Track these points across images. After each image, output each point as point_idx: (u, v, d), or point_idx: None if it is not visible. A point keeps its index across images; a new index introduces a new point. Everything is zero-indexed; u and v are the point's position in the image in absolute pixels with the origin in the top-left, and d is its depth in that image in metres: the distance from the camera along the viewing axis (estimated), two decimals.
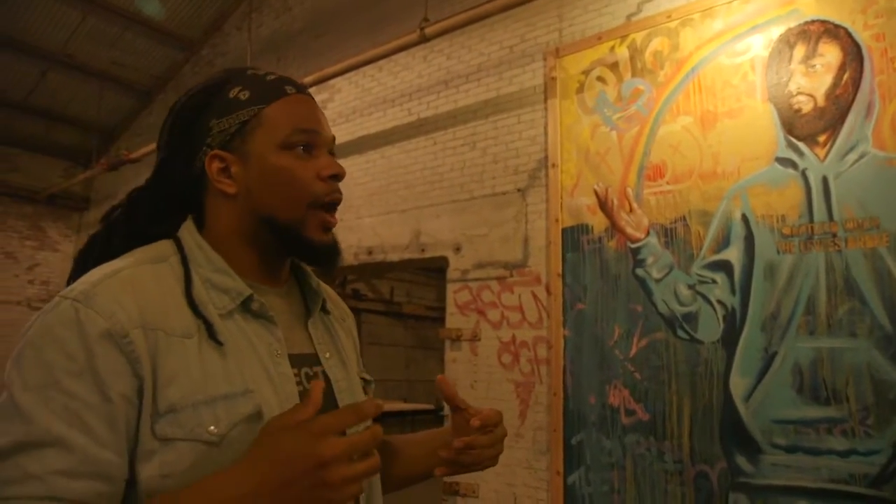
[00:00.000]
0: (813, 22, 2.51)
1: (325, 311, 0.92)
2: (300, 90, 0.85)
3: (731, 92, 2.69)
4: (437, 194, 3.77)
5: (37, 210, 7.08)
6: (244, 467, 0.62)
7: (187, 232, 0.82)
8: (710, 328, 2.60)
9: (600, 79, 3.11)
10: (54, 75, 6.12)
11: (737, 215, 2.60)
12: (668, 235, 2.78)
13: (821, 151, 2.44)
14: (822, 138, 2.45)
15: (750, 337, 2.50)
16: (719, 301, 2.60)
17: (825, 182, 2.41)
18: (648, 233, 2.83)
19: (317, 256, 0.83)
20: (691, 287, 2.68)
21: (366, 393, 0.94)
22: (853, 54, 2.41)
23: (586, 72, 3.16)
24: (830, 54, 2.46)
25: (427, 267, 4.16)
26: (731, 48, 2.72)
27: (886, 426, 2.18)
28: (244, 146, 0.81)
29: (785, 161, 2.52)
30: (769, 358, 2.44)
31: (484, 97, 3.63)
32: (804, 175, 2.46)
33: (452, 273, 3.60)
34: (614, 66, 3.06)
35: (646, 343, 2.76)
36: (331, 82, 4.34)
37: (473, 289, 3.48)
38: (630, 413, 2.76)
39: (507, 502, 3.11)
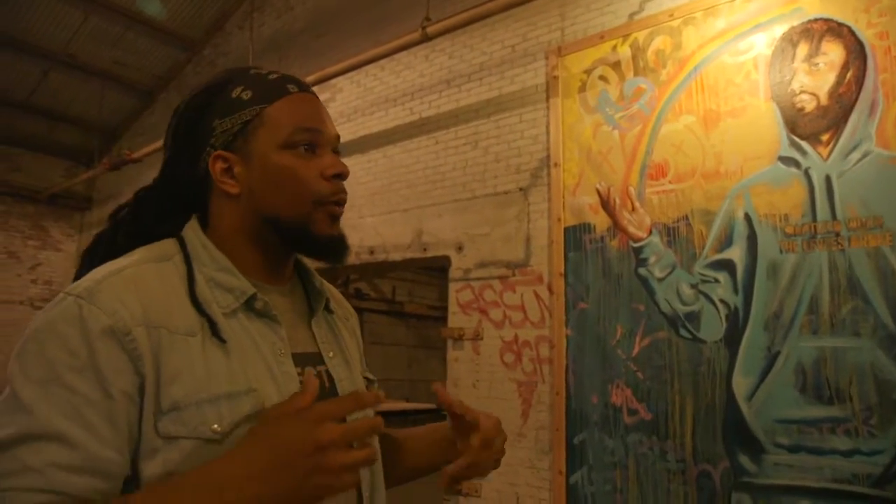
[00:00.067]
0: (816, 20, 2.50)
1: (329, 311, 0.92)
2: (303, 89, 0.85)
3: (734, 91, 2.68)
4: (439, 193, 3.76)
5: (39, 210, 7.09)
6: (241, 451, 0.62)
7: (192, 231, 0.82)
8: (713, 327, 2.60)
9: (602, 78, 3.10)
10: (56, 75, 6.13)
11: (739, 214, 2.60)
12: (671, 235, 2.77)
13: (824, 150, 2.44)
14: (826, 137, 2.44)
15: (753, 336, 2.49)
16: (722, 300, 2.60)
17: (828, 181, 2.41)
18: (651, 232, 2.83)
19: (325, 251, 0.83)
20: (694, 286, 2.67)
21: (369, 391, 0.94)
22: (856, 53, 2.40)
23: (588, 71, 3.15)
24: (833, 53, 2.45)
25: (429, 266, 4.16)
26: (734, 47, 2.71)
27: (890, 426, 2.17)
28: (247, 146, 0.81)
29: (788, 160, 2.51)
30: (772, 357, 2.43)
31: (486, 96, 3.63)
32: (807, 174, 2.46)
33: (454, 272, 3.60)
34: (616, 65, 3.06)
35: (648, 342, 2.76)
36: (332, 82, 4.34)
37: (475, 288, 3.48)
38: (632, 412, 2.76)
39: (510, 502, 3.11)
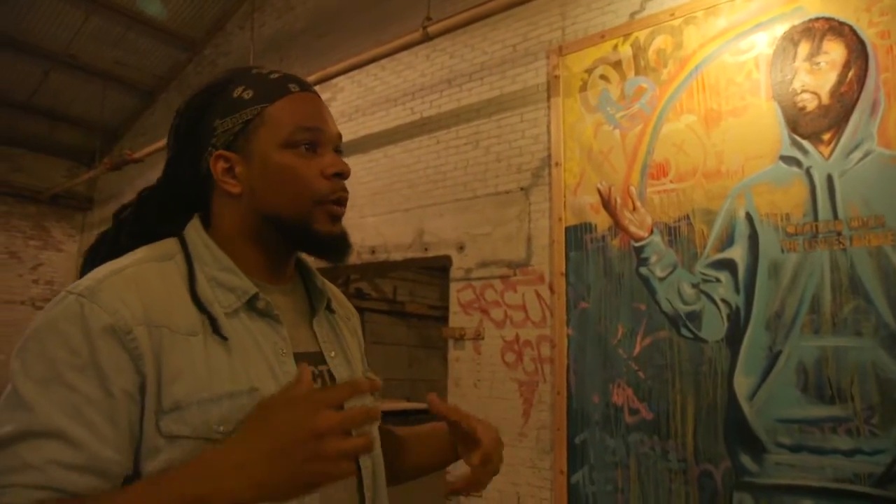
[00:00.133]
0: (817, 19, 2.50)
1: (331, 311, 0.92)
2: (304, 88, 0.85)
3: (735, 90, 2.68)
4: (441, 193, 3.76)
5: (40, 210, 7.10)
6: (238, 439, 0.62)
7: (194, 230, 0.82)
8: (714, 327, 2.59)
9: (603, 77, 3.10)
10: (57, 75, 6.13)
11: (741, 214, 2.59)
12: (672, 234, 2.77)
13: (825, 149, 2.43)
14: (827, 136, 2.44)
15: (754, 336, 2.49)
16: (723, 300, 2.59)
17: (830, 180, 2.40)
18: (652, 231, 2.83)
19: (327, 249, 0.83)
20: (695, 286, 2.67)
21: (372, 394, 0.93)
22: (858, 52, 2.40)
23: (589, 70, 3.15)
24: (835, 52, 2.44)
25: (430, 266, 4.16)
26: (735, 46, 2.71)
27: (892, 425, 2.17)
28: (248, 146, 0.81)
29: (789, 159, 2.51)
30: (773, 357, 2.43)
31: (487, 96, 3.63)
32: (808, 173, 2.45)
33: (455, 272, 3.60)
34: (617, 65, 3.05)
35: (649, 342, 2.76)
36: (333, 81, 4.34)
37: (477, 288, 3.48)
38: (634, 412, 2.76)
39: (511, 502, 3.11)
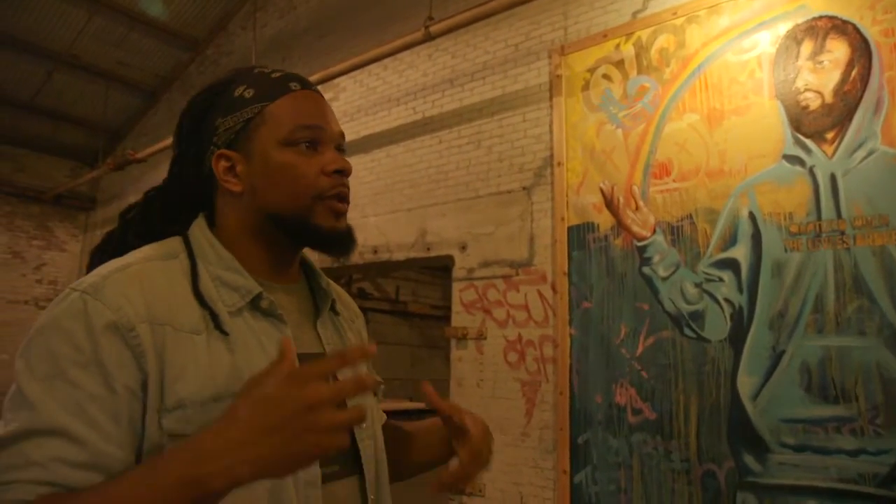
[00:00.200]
0: (820, 18, 2.49)
1: (335, 312, 0.91)
2: (305, 86, 0.85)
3: (738, 89, 2.67)
4: (443, 193, 3.76)
5: (44, 210, 7.12)
6: (231, 417, 0.58)
7: (198, 229, 0.82)
8: (717, 327, 2.59)
9: (606, 76, 3.10)
10: (60, 75, 6.15)
11: (744, 213, 2.59)
12: (675, 233, 2.76)
13: (829, 148, 2.42)
14: (830, 135, 2.43)
15: (757, 335, 2.48)
16: (726, 299, 2.59)
17: (833, 179, 2.39)
18: (655, 231, 2.82)
19: (330, 244, 0.82)
20: (698, 285, 2.66)
21: (375, 395, 0.93)
22: (861, 50, 2.39)
23: (591, 69, 3.14)
24: (838, 50, 2.44)
25: (432, 266, 4.16)
26: (738, 45, 2.70)
27: None
28: (249, 144, 0.81)
29: (792, 158, 2.50)
30: (777, 356, 2.42)
31: (489, 95, 3.62)
32: (812, 172, 2.45)
33: (458, 272, 3.60)
34: (620, 64, 3.05)
35: (652, 342, 2.75)
36: (336, 81, 4.34)
37: (479, 287, 3.47)
38: (637, 412, 2.75)
39: (514, 501, 3.11)
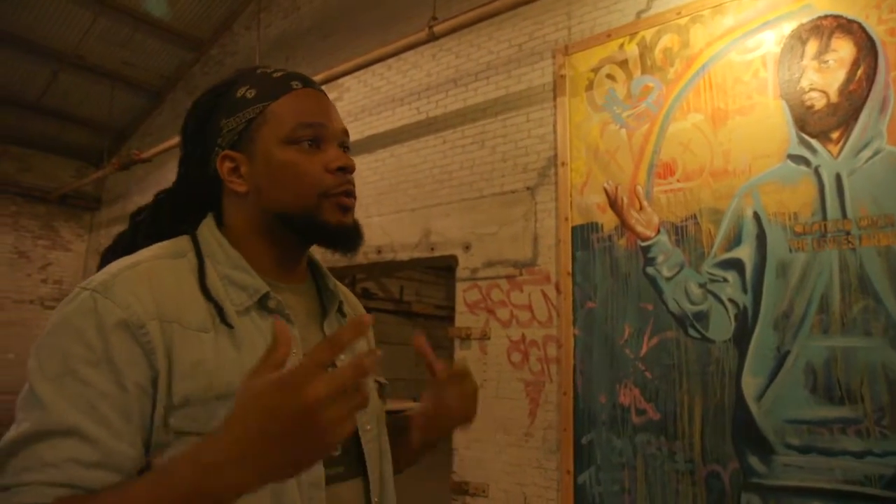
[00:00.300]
0: (826, 17, 2.48)
1: (342, 313, 0.91)
2: (307, 84, 0.85)
3: (743, 89, 2.66)
4: (447, 193, 3.76)
5: (49, 210, 7.15)
6: (229, 431, 0.55)
7: (207, 229, 0.82)
8: (722, 327, 2.58)
9: (610, 76, 3.09)
10: (66, 76, 6.17)
11: (748, 213, 2.58)
12: (679, 233, 2.75)
13: (834, 148, 2.41)
14: (836, 135, 2.42)
15: (762, 336, 2.47)
16: (731, 300, 2.58)
17: (838, 179, 2.38)
18: (659, 231, 2.81)
19: (337, 239, 0.82)
20: (702, 285, 2.66)
21: (381, 396, 0.93)
22: (867, 49, 2.38)
23: (595, 69, 3.14)
24: (844, 50, 2.42)
25: (436, 266, 4.15)
26: (742, 45, 2.69)
27: None
28: (252, 144, 0.81)
29: (797, 158, 2.49)
30: (782, 357, 2.41)
31: (493, 95, 3.62)
32: (817, 172, 2.44)
33: (462, 272, 3.60)
34: (624, 64, 3.04)
35: (656, 342, 2.74)
36: (339, 81, 4.35)
37: (483, 287, 3.47)
38: (641, 412, 2.74)
39: (517, 502, 3.10)
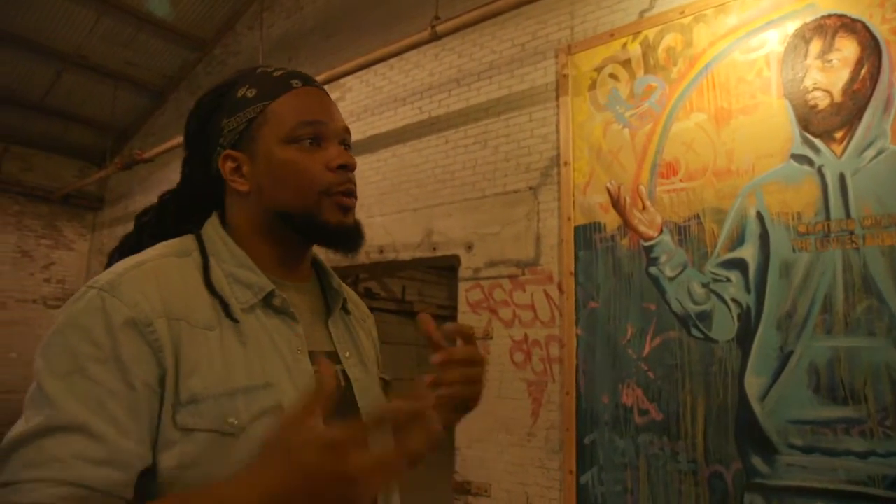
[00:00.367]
0: (829, 16, 2.48)
1: (346, 311, 0.92)
2: (307, 83, 0.85)
3: (746, 88, 2.66)
4: (449, 193, 3.76)
5: (52, 209, 7.16)
6: (261, 475, 0.56)
7: (211, 227, 0.83)
8: (725, 327, 2.57)
9: (612, 76, 3.09)
10: (69, 76, 6.18)
11: (751, 213, 2.57)
12: (682, 233, 2.75)
13: (837, 148, 2.41)
14: (839, 134, 2.41)
15: (765, 336, 2.47)
16: (734, 299, 2.57)
17: (842, 179, 2.38)
18: (662, 231, 2.81)
19: (338, 240, 0.82)
20: (705, 285, 2.65)
21: (385, 393, 0.93)
22: (871, 49, 2.37)
23: (598, 69, 3.13)
24: (847, 49, 2.42)
25: (439, 266, 4.15)
26: (746, 44, 2.69)
27: None
28: (253, 144, 0.81)
29: (801, 158, 2.49)
30: (785, 357, 2.41)
31: (496, 95, 3.62)
32: (820, 172, 2.43)
33: (464, 272, 3.60)
34: (626, 63, 3.04)
35: (659, 342, 2.74)
36: (342, 81, 4.35)
37: (485, 287, 3.47)
38: (643, 412, 2.74)
39: (520, 501, 3.10)
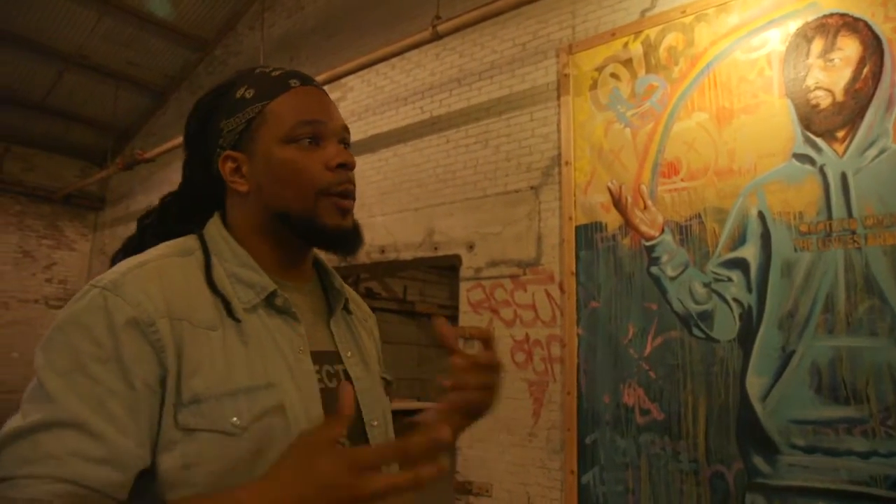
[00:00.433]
0: (831, 15, 2.47)
1: (348, 311, 0.92)
2: (306, 82, 0.85)
3: (747, 88, 2.65)
4: (450, 192, 3.76)
5: (54, 209, 7.17)
6: (276, 482, 0.59)
7: (214, 227, 0.83)
8: (726, 327, 2.57)
9: (614, 75, 3.08)
10: (71, 76, 6.19)
11: (753, 212, 2.57)
12: (683, 233, 2.75)
13: (839, 147, 2.40)
14: (841, 134, 2.41)
15: (767, 335, 2.46)
16: (735, 299, 2.57)
17: (844, 178, 2.37)
18: (663, 230, 2.80)
19: (335, 242, 0.82)
20: (707, 285, 2.65)
21: (387, 393, 0.93)
22: (873, 48, 2.36)
23: (599, 68, 3.13)
24: (849, 48, 2.41)
25: (440, 265, 4.15)
26: (747, 43, 2.68)
27: None
28: (252, 144, 0.81)
29: (802, 157, 2.48)
30: (786, 357, 2.40)
31: (497, 95, 3.61)
32: (822, 171, 2.42)
33: (465, 271, 3.59)
34: (628, 63, 3.03)
35: (660, 342, 2.74)
36: (343, 81, 4.35)
37: (486, 287, 3.47)
38: (645, 412, 2.74)
39: (521, 502, 3.10)
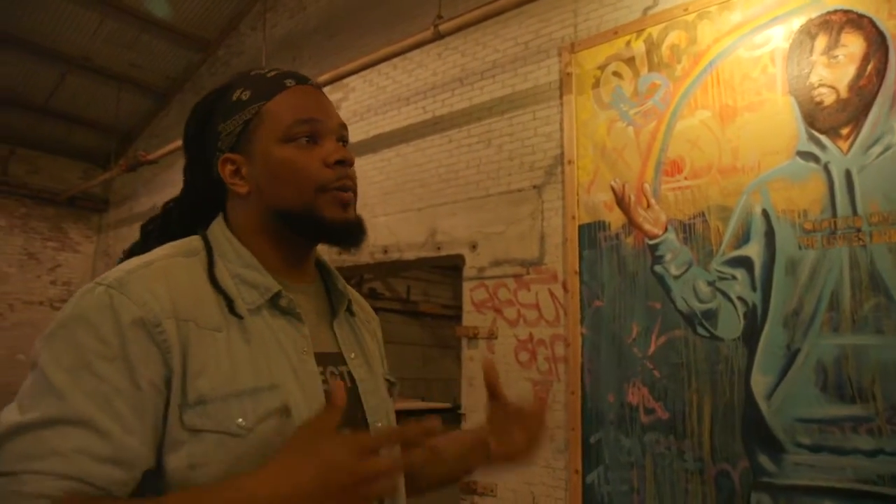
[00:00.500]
0: (835, 12, 2.46)
1: (351, 313, 0.92)
2: (301, 81, 0.85)
3: (751, 85, 2.64)
4: (453, 192, 3.75)
5: (58, 212, 7.18)
6: (281, 468, 0.62)
7: (218, 227, 0.83)
8: (731, 325, 2.56)
9: (616, 74, 3.07)
10: (74, 78, 6.20)
11: (757, 210, 2.56)
12: (687, 231, 2.74)
13: (844, 144, 2.39)
14: (845, 131, 2.39)
15: (771, 334, 2.46)
16: (740, 297, 2.56)
17: (848, 175, 2.36)
18: (666, 229, 2.80)
19: (338, 235, 0.82)
20: (711, 283, 2.64)
21: (390, 394, 0.94)
22: (878, 44, 2.35)
23: (602, 67, 3.12)
24: (854, 45, 2.40)
25: (443, 265, 4.15)
26: (750, 40, 2.67)
27: None
28: (250, 145, 0.81)
29: (806, 155, 2.47)
30: (792, 355, 2.40)
31: (499, 94, 3.61)
32: (826, 169, 2.41)
33: (468, 271, 3.59)
34: (630, 61, 3.03)
35: (665, 341, 2.73)
36: (345, 81, 4.35)
37: (490, 287, 3.47)
38: (649, 411, 2.73)
39: (526, 501, 3.09)
